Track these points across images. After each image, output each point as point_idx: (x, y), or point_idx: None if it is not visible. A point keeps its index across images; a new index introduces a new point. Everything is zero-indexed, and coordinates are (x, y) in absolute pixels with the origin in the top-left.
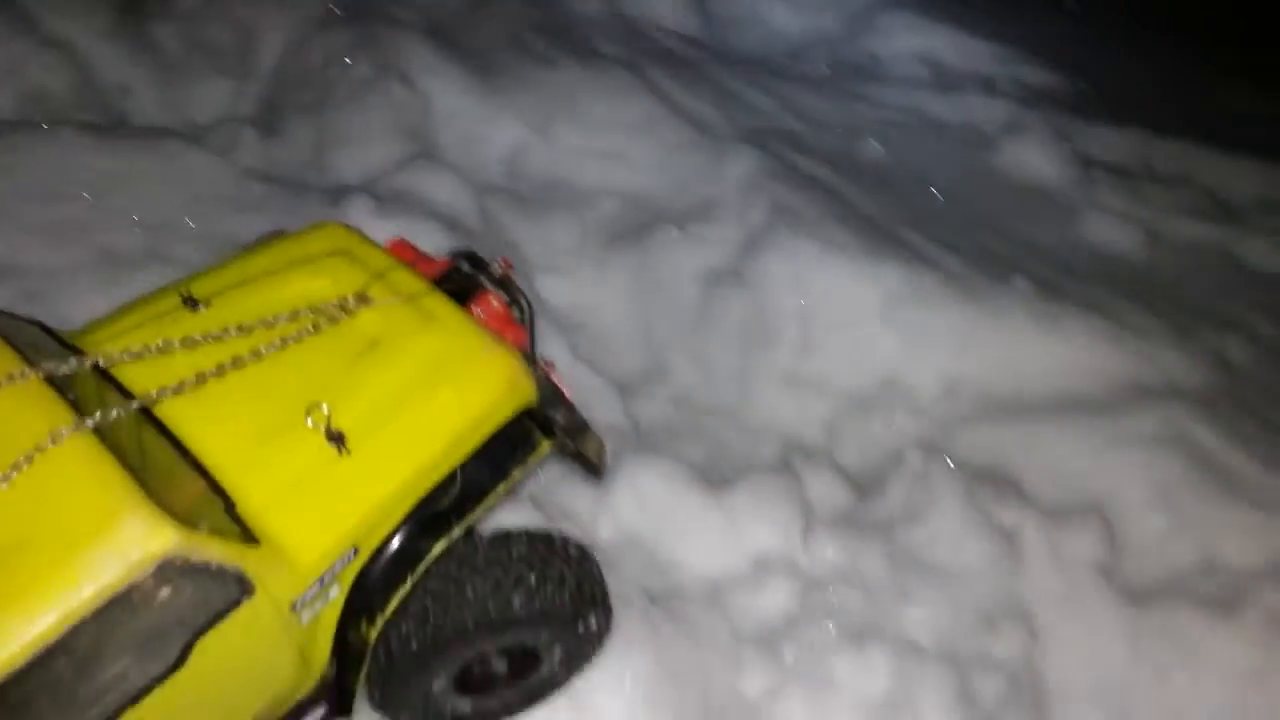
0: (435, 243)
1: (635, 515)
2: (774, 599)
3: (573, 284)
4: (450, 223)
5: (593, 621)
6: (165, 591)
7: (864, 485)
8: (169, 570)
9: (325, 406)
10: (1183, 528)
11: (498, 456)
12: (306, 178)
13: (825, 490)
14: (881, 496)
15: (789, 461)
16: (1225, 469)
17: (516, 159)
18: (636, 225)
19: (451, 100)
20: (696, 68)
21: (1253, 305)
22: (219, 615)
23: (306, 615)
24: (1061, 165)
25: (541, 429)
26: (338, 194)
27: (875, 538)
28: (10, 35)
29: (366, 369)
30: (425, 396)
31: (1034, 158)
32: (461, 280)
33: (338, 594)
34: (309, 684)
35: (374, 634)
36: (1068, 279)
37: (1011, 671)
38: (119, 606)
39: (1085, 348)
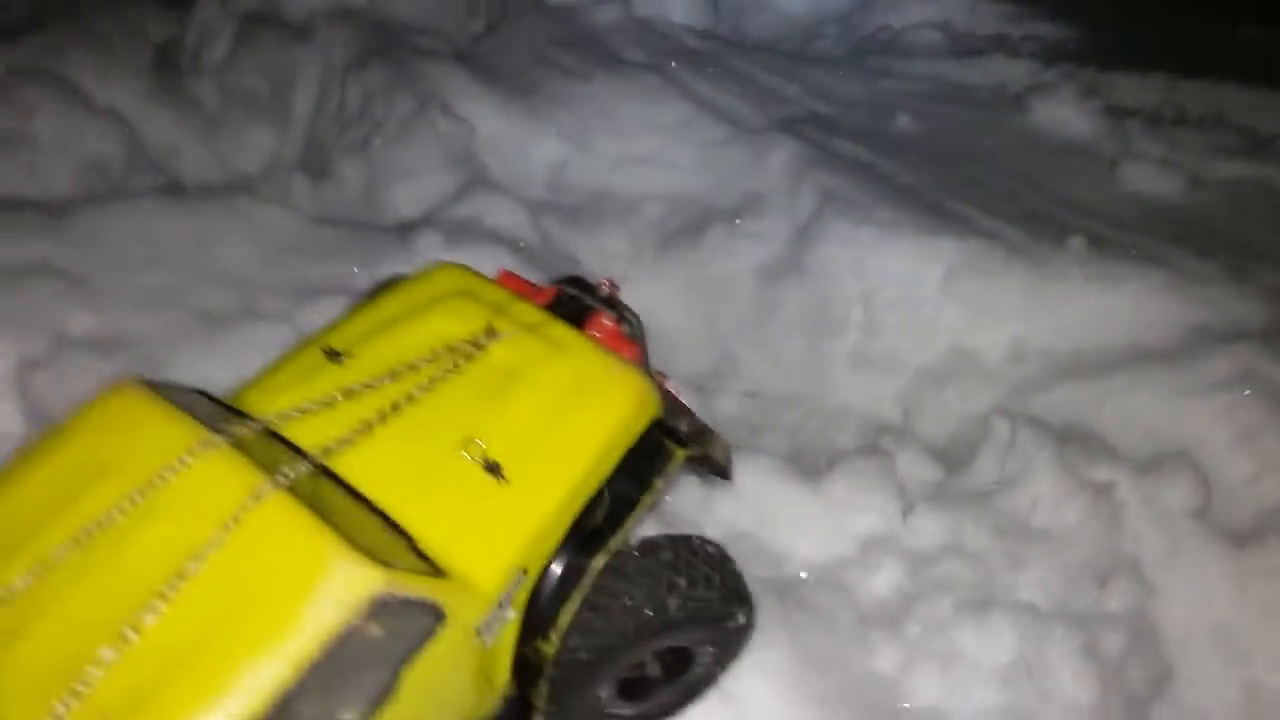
0: (503, 264)
1: (735, 511)
2: (887, 579)
3: (631, 290)
4: (512, 245)
5: (739, 617)
6: (375, 629)
7: (951, 458)
8: (378, 608)
9: (479, 440)
10: (1271, 466)
11: (638, 470)
12: (367, 217)
13: (915, 467)
14: (971, 467)
15: (876, 443)
16: None
17: (560, 174)
18: (686, 226)
19: (493, 124)
20: (718, 61)
21: None
22: (420, 645)
23: (489, 638)
24: (1092, 118)
25: (671, 438)
26: (403, 231)
27: (972, 508)
28: (62, 109)
29: (508, 400)
30: (566, 420)
31: (1065, 113)
32: (572, 305)
33: (513, 615)
34: (492, 704)
35: (551, 649)
36: (1117, 232)
37: (1130, 625)
38: (339, 646)
39: (1145, 299)
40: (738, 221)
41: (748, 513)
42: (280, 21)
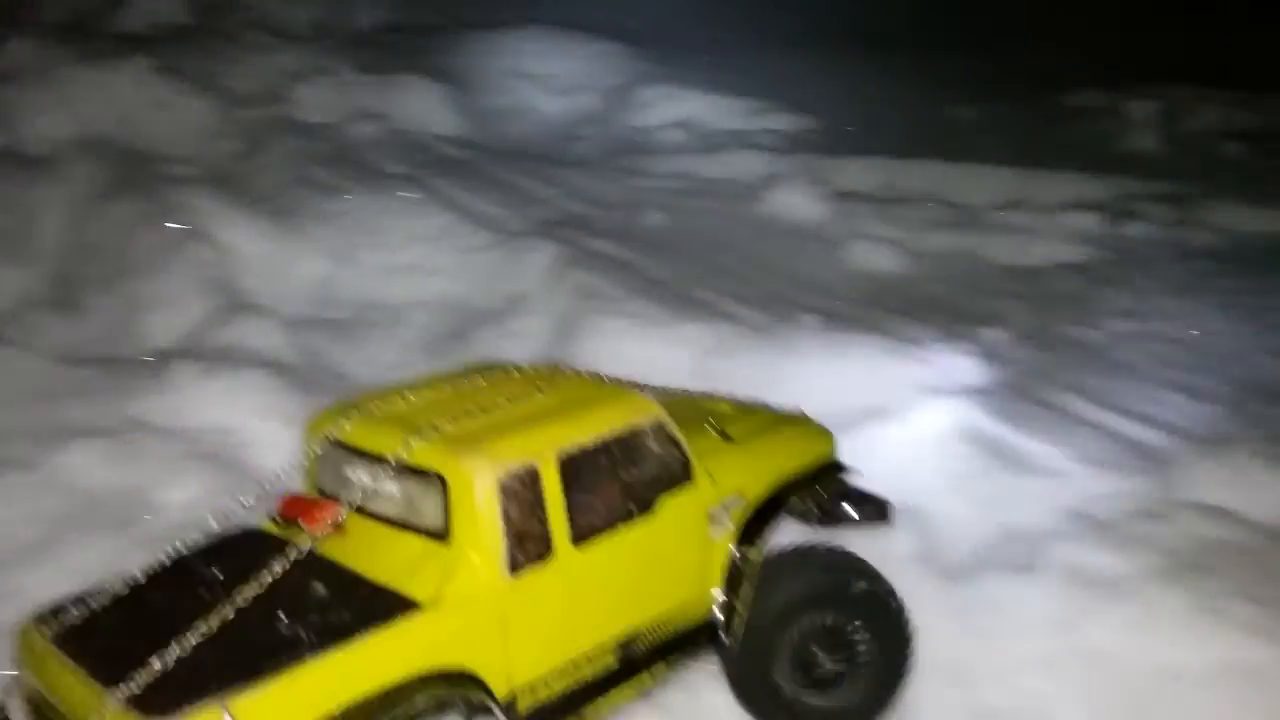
0: (268, 388)
1: None
2: None
3: None
4: (276, 367)
5: (893, 603)
6: (654, 444)
7: None
8: (658, 432)
9: (715, 420)
10: (982, 506)
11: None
12: (121, 351)
13: None
14: None
15: None
16: (1008, 448)
17: (325, 290)
18: (453, 331)
19: (252, 247)
20: (477, 169)
21: (1004, 296)
22: (675, 484)
23: (714, 530)
24: (822, 203)
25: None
26: (159, 362)
27: None
28: None
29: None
30: (777, 435)
31: (797, 200)
32: None
33: (730, 528)
34: (702, 608)
35: (757, 555)
36: (847, 305)
37: None
38: (636, 436)
39: (871, 364)
40: (502, 323)
41: None
42: (22, 156)
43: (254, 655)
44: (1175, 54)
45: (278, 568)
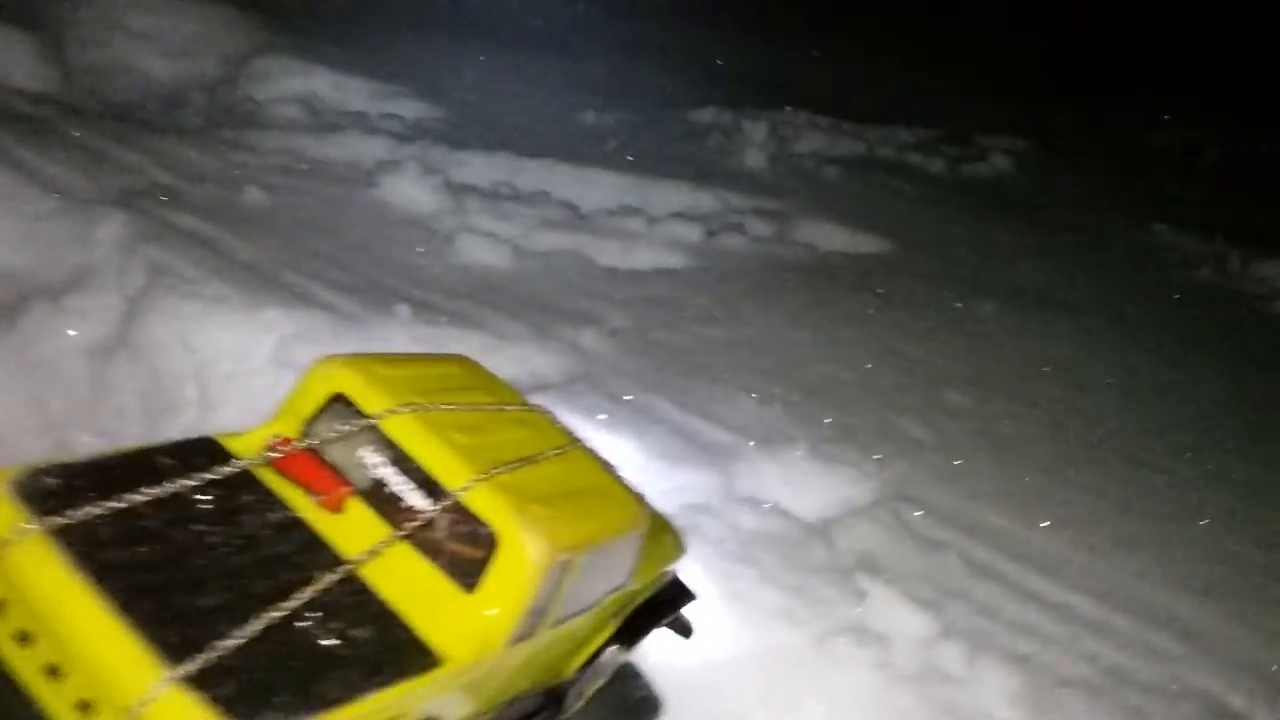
0: None
1: None
2: None
3: None
4: None
5: None
6: (626, 550)
7: None
8: (636, 541)
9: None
10: None
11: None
12: None
13: None
14: None
15: None
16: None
17: None
18: (6, 304)
19: None
20: (54, 128)
21: (602, 299)
22: (620, 585)
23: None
24: (435, 194)
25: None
26: None
27: None
28: None
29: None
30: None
31: (411, 189)
32: None
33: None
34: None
35: (623, 656)
36: (446, 299)
37: None
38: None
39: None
40: (63, 300)
41: None
42: None
43: (304, 670)
44: (793, 81)
45: (294, 553)
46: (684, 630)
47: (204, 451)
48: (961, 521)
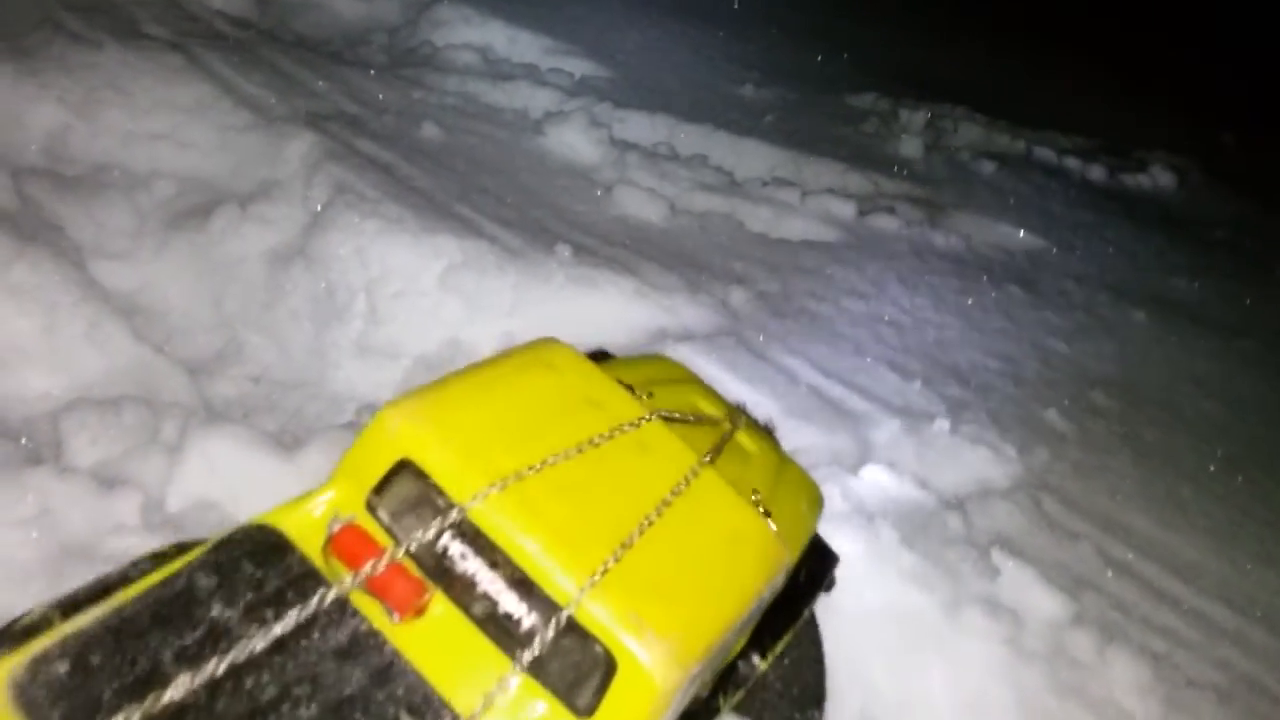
0: None
1: (206, 481)
2: None
3: (133, 267)
4: None
5: None
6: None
7: None
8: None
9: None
10: None
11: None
12: None
13: None
14: None
15: (358, 423)
16: (724, 392)
17: (58, 142)
18: (197, 207)
19: None
20: (250, 50)
21: (752, 262)
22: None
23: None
24: (598, 147)
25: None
26: None
27: None
28: None
29: (757, 473)
30: (792, 502)
31: (575, 139)
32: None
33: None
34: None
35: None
36: (603, 245)
37: None
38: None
39: (616, 302)
40: (250, 207)
41: (220, 482)
42: None
43: None
44: (955, 78)
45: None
46: (827, 586)
47: (256, 556)
48: (1100, 517)
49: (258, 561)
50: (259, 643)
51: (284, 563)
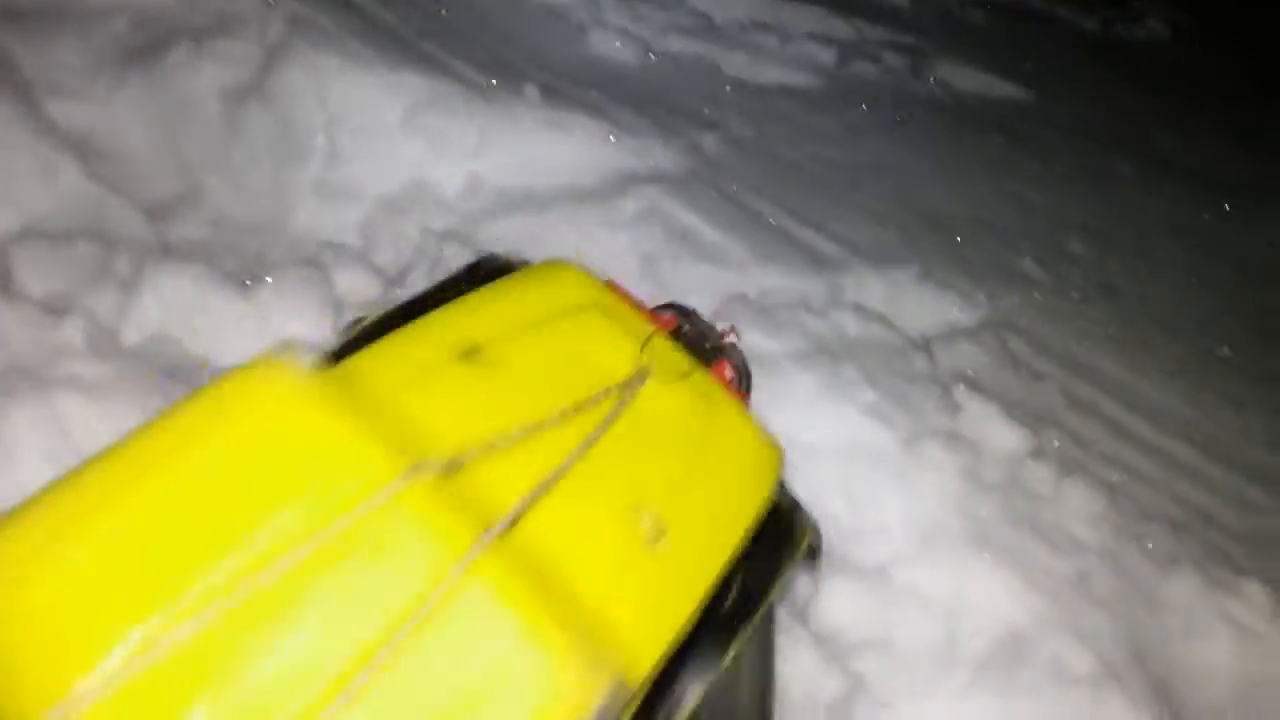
0: None
1: (163, 315)
2: None
3: (87, 106)
4: None
5: None
6: None
7: (393, 276)
8: None
9: (649, 507)
10: (663, 287)
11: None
12: None
13: (355, 283)
14: (404, 283)
15: (318, 260)
16: (693, 234)
17: None
18: (151, 43)
19: None
20: None
21: (728, 107)
22: None
23: None
24: None
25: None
26: None
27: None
28: None
29: (662, 459)
30: (719, 492)
31: None
32: (693, 346)
33: None
34: None
35: None
36: (575, 87)
37: None
38: None
39: (585, 145)
40: (205, 43)
41: (174, 317)
42: None
43: None
44: None
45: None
46: (812, 555)
47: None
48: (1067, 358)
49: None
50: None
51: None
